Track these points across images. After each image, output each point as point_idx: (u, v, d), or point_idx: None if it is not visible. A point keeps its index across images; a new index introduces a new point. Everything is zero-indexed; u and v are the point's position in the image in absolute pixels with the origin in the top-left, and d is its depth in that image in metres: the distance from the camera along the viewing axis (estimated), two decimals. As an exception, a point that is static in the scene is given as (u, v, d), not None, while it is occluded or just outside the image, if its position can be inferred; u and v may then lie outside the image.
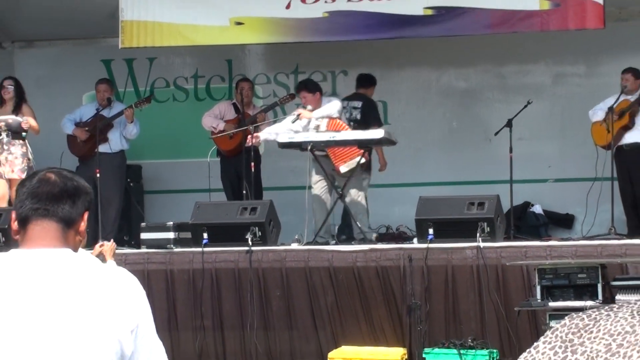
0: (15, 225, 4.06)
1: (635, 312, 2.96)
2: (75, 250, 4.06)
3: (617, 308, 3.10)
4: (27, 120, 14.93)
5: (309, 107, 14.62)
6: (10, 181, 14.79)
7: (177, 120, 17.19)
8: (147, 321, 4.02)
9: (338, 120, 14.65)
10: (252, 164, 14.87)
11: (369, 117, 15.40)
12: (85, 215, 4.12)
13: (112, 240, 11.02)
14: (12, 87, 15.20)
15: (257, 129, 15.35)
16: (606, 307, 3.18)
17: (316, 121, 14.58)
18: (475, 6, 14.96)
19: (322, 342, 13.27)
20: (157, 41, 15.90)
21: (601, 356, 2.84)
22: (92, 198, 4.20)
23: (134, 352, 3.96)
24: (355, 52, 16.27)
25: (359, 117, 15.36)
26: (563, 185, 16.13)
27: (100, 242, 10.79)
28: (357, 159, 14.49)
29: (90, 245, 11.06)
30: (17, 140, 14.93)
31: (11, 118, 14.98)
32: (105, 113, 15.68)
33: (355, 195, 14.74)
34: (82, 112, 15.91)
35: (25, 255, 3.97)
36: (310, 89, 14.82)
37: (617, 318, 2.97)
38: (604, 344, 2.86)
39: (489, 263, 13.01)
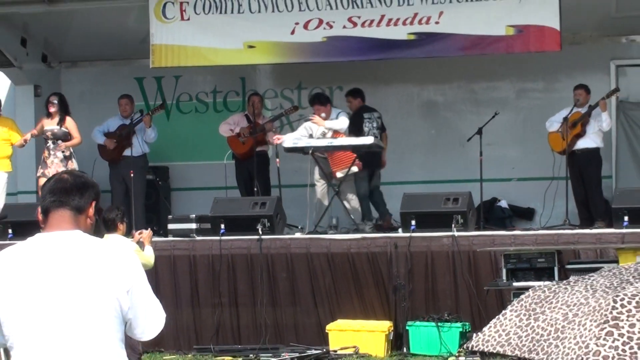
0: (40, 216, 4.47)
1: (588, 286, 2.94)
2: (88, 229, 4.49)
3: (574, 282, 3.08)
4: (69, 147, 15.07)
5: (323, 115, 14.70)
6: None
7: (198, 129, 17.17)
8: (140, 283, 4.42)
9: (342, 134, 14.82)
10: (278, 159, 14.99)
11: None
12: (93, 204, 4.51)
13: (149, 228, 10.98)
14: (57, 101, 15.26)
15: (266, 136, 15.51)
16: (564, 281, 3.16)
17: (325, 130, 14.67)
18: (450, 32, 14.96)
19: (321, 316, 13.30)
20: (182, 62, 15.89)
21: (559, 324, 2.81)
22: (98, 191, 4.60)
23: (131, 307, 4.37)
24: (350, 71, 16.25)
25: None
26: (525, 183, 16.11)
27: (139, 230, 10.77)
28: (351, 166, 14.62)
29: (129, 232, 11.06)
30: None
31: (56, 128, 15.08)
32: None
33: (350, 196, 14.82)
34: (109, 124, 15.92)
35: (47, 238, 4.42)
36: (322, 102, 14.93)
37: (573, 291, 2.94)
38: (562, 314, 2.83)
39: (462, 249, 13.03)
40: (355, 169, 14.66)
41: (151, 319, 4.47)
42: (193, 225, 14.04)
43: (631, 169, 15.90)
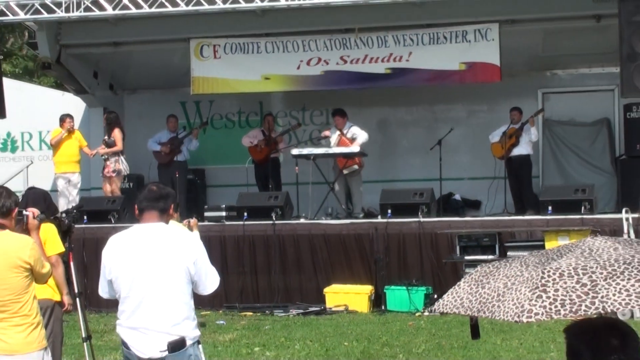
0: (137, 212, 5.27)
1: (522, 263, 2.93)
2: (167, 222, 5.26)
3: (512, 260, 3.08)
4: (107, 152, 15.23)
5: (327, 133, 14.96)
6: (109, 178, 15.11)
7: (227, 140, 17.12)
8: (201, 257, 5.16)
9: (348, 142, 14.82)
10: (296, 168, 14.85)
11: None
12: (172, 206, 5.29)
13: (194, 217, 10.97)
14: (105, 118, 15.62)
15: (277, 146, 15.52)
16: (504, 260, 3.14)
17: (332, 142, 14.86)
18: (417, 67, 14.99)
19: (320, 282, 13.29)
20: (214, 90, 15.92)
21: (501, 290, 2.79)
22: (175, 197, 5.40)
23: (195, 272, 5.10)
24: (341, 96, 16.21)
25: None
26: (473, 181, 16.07)
27: (187, 220, 10.75)
28: (354, 167, 14.77)
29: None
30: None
31: (107, 138, 15.30)
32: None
33: (356, 189, 14.90)
34: (160, 136, 15.94)
35: (143, 227, 5.23)
36: (341, 115, 14.98)
37: (511, 266, 2.93)
38: (503, 283, 2.80)
39: (426, 231, 13.03)
40: (355, 166, 14.75)
41: (209, 280, 5.18)
42: (223, 213, 14.04)
43: (554, 170, 15.89)
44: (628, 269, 2.57)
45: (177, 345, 5.00)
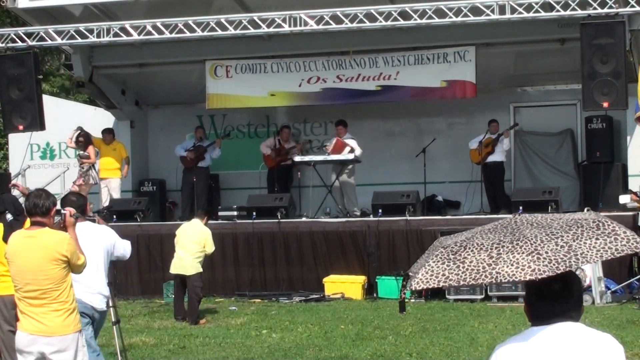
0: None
1: (484, 233, 2.74)
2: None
3: (468, 240, 2.72)
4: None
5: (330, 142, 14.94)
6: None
7: (238, 149, 17.13)
8: (117, 239, 6.61)
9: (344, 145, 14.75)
10: (299, 173, 14.96)
11: None
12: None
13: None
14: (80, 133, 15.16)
15: (288, 154, 15.47)
16: (457, 243, 2.72)
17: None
18: (404, 85, 15.00)
19: (320, 273, 13.29)
20: (227, 105, 15.93)
21: (487, 261, 2.60)
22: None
23: (115, 248, 6.63)
24: (337, 111, 16.20)
25: None
26: (454, 184, 16.04)
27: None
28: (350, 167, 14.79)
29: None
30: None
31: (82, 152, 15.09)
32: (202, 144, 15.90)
33: (351, 190, 14.84)
34: (186, 144, 15.98)
35: (85, 224, 6.29)
36: (344, 125, 14.98)
37: (481, 240, 2.72)
38: (486, 255, 2.63)
39: (412, 228, 13.04)
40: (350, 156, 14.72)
41: (124, 250, 6.71)
42: (235, 213, 14.04)
43: (524, 175, 15.88)
44: (586, 230, 2.65)
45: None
